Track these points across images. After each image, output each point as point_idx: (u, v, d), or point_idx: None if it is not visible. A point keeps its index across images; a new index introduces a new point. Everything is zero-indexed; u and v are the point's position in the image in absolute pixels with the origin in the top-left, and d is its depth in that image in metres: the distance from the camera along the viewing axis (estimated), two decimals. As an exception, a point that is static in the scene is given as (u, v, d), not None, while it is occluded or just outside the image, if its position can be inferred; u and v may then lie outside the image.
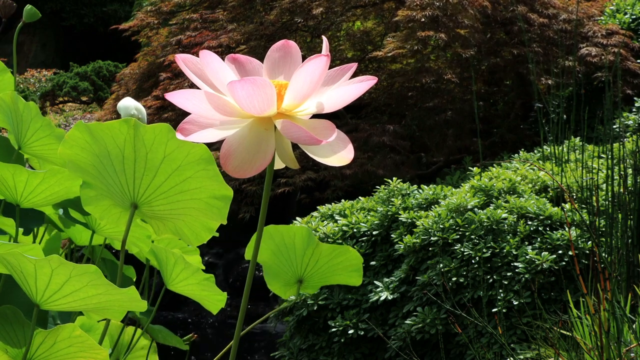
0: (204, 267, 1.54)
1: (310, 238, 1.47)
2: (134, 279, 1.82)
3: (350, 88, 0.87)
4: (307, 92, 0.87)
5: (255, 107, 0.85)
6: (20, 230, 1.50)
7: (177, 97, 0.88)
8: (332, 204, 4.53)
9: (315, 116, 0.93)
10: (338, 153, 0.90)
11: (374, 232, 4.15)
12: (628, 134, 5.09)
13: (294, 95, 0.87)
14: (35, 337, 1.16)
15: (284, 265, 1.50)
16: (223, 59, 0.93)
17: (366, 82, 0.88)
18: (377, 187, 4.52)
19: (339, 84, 0.91)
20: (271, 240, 1.48)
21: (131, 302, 1.13)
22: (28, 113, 1.53)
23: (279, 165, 0.94)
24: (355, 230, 4.20)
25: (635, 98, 5.74)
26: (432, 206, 4.13)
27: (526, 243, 3.70)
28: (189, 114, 0.91)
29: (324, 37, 0.95)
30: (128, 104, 1.69)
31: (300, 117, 0.90)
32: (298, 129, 0.85)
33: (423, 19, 5.99)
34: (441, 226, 3.85)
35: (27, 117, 1.53)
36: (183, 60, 0.91)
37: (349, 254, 1.50)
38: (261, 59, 0.98)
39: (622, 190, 3.07)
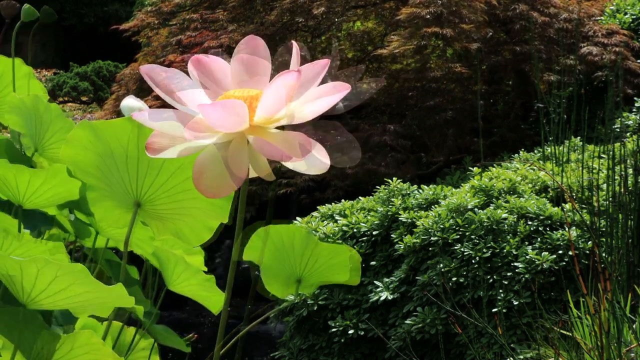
0: (205, 269, 1.54)
1: (309, 238, 1.47)
2: (137, 278, 1.82)
3: (320, 102, 0.83)
4: (278, 107, 0.83)
5: (226, 127, 0.82)
6: (27, 232, 1.49)
7: (144, 118, 0.82)
8: (332, 204, 4.53)
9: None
10: (314, 166, 0.85)
11: (374, 232, 4.15)
12: (628, 134, 5.09)
13: (265, 111, 0.84)
14: (52, 343, 1.16)
15: (283, 266, 1.49)
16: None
17: (338, 94, 0.81)
18: (377, 187, 4.52)
19: (312, 89, 0.86)
20: (270, 241, 1.48)
21: (119, 298, 1.13)
22: (48, 115, 1.50)
23: (252, 174, 0.91)
24: (355, 230, 4.20)
25: (635, 98, 5.74)
26: (432, 206, 4.13)
27: (526, 243, 3.70)
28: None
29: (294, 42, 0.91)
30: (132, 104, 1.68)
31: (272, 130, 0.86)
32: (269, 147, 0.81)
33: (428, 16, 6.00)
34: (441, 226, 3.85)
35: (47, 118, 1.50)
36: (147, 74, 0.84)
37: (348, 253, 1.50)
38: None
39: (622, 190, 3.07)
